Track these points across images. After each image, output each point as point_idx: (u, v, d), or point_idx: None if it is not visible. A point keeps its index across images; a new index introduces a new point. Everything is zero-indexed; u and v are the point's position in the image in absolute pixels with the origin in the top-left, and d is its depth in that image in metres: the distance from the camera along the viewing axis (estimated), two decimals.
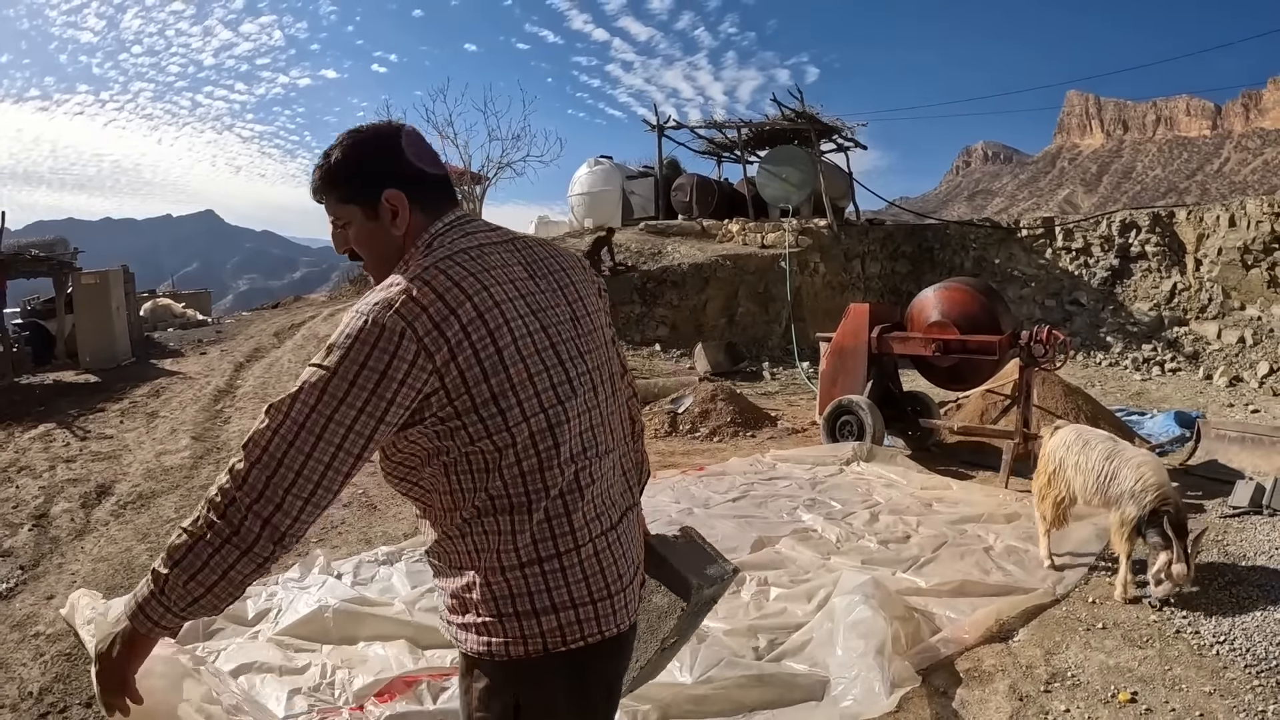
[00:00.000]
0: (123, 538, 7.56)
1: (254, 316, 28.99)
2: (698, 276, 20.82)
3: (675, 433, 11.23)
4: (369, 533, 7.32)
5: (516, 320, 1.93)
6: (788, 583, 5.64)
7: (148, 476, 9.47)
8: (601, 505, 2.07)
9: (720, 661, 4.31)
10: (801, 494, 7.87)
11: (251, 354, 18.57)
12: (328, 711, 4.22)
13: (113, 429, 12.35)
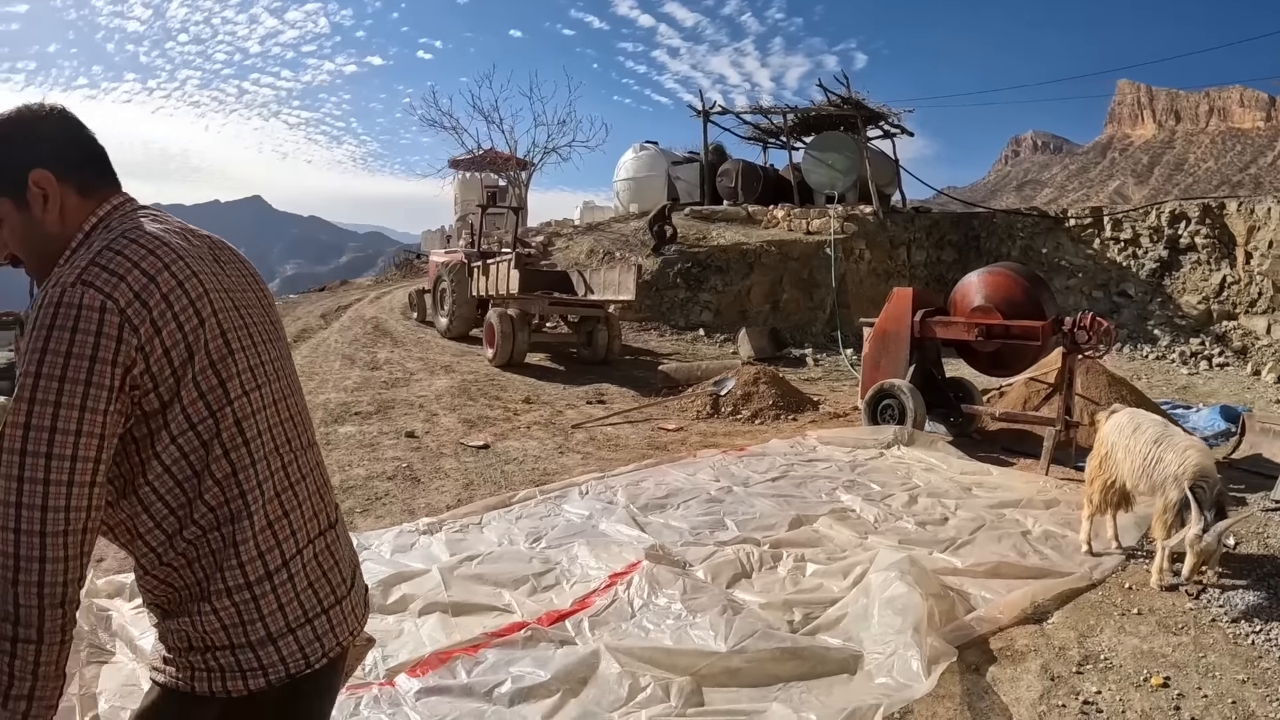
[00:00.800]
0: None
1: (301, 299, 29.30)
2: (742, 262, 20.81)
3: (717, 414, 11.25)
4: (412, 504, 7.41)
5: (217, 294, 1.79)
6: (824, 560, 5.69)
7: None
8: (316, 505, 1.97)
9: (755, 633, 4.34)
10: (841, 475, 7.90)
11: (298, 335, 18.77)
12: (357, 687, 4.25)
13: None
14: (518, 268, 15.04)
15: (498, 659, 4.37)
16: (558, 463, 8.71)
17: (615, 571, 5.40)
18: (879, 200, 23.55)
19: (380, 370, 14.26)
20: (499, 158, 36.09)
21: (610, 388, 13.28)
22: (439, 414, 10.97)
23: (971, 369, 10.21)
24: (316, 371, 14.17)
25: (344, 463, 8.62)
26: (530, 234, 27.56)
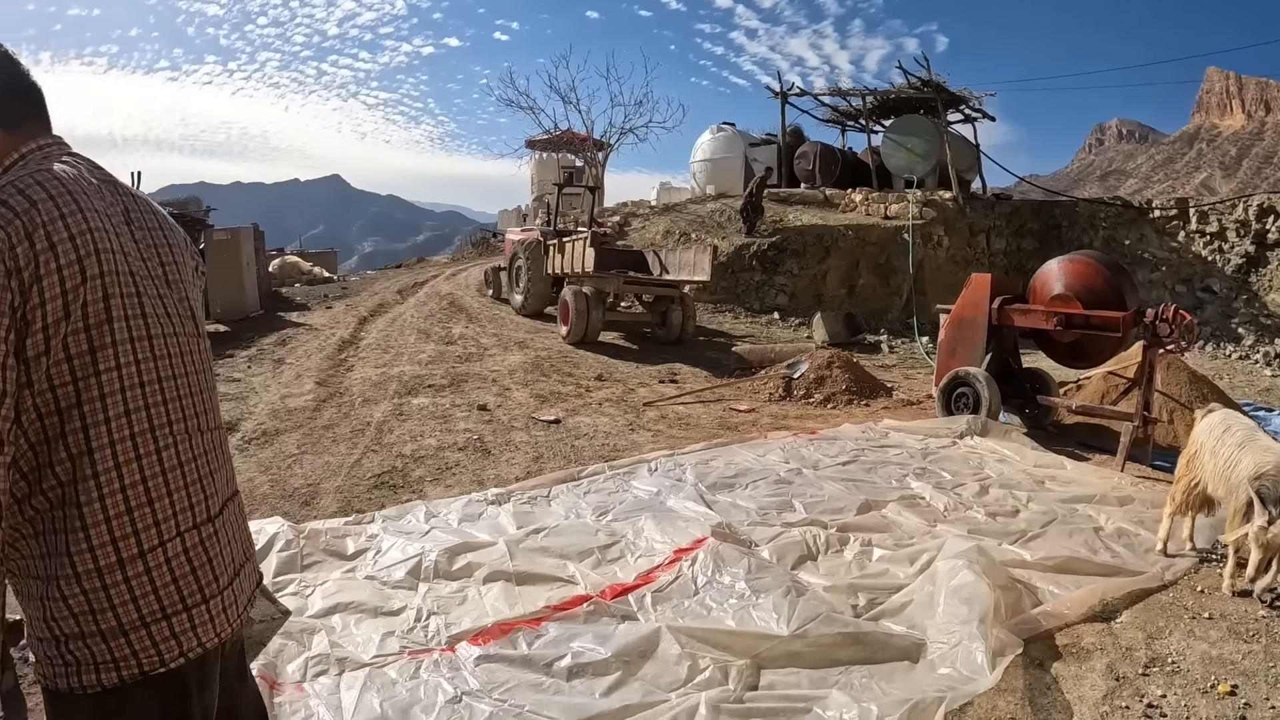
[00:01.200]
0: (246, 469, 7.93)
1: (378, 275, 29.63)
2: (819, 246, 20.67)
3: (789, 397, 11.20)
4: (481, 475, 7.54)
5: (108, 255, 1.71)
6: (891, 546, 5.65)
7: (272, 416, 9.86)
8: (196, 494, 1.84)
9: (818, 616, 4.31)
10: (912, 463, 7.82)
11: (375, 309, 19.03)
12: (419, 652, 4.33)
13: (240, 373, 12.83)
14: (593, 246, 15.08)
15: (559, 633, 4.40)
16: (628, 439, 8.75)
17: (681, 547, 5.41)
18: (959, 186, 23.23)
19: (455, 345, 14.41)
20: (575, 138, 36.21)
21: (683, 368, 13.28)
22: (511, 388, 11.07)
23: (1049, 359, 10.03)
24: (391, 345, 14.40)
25: (416, 433, 8.76)
26: (606, 214, 27.59)
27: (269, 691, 3.93)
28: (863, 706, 3.61)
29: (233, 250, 19.76)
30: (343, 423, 9.49)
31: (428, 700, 3.87)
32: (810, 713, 3.66)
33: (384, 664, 4.23)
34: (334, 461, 8.08)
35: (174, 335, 1.85)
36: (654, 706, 3.71)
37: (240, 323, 18.42)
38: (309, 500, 7.10)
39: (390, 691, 3.96)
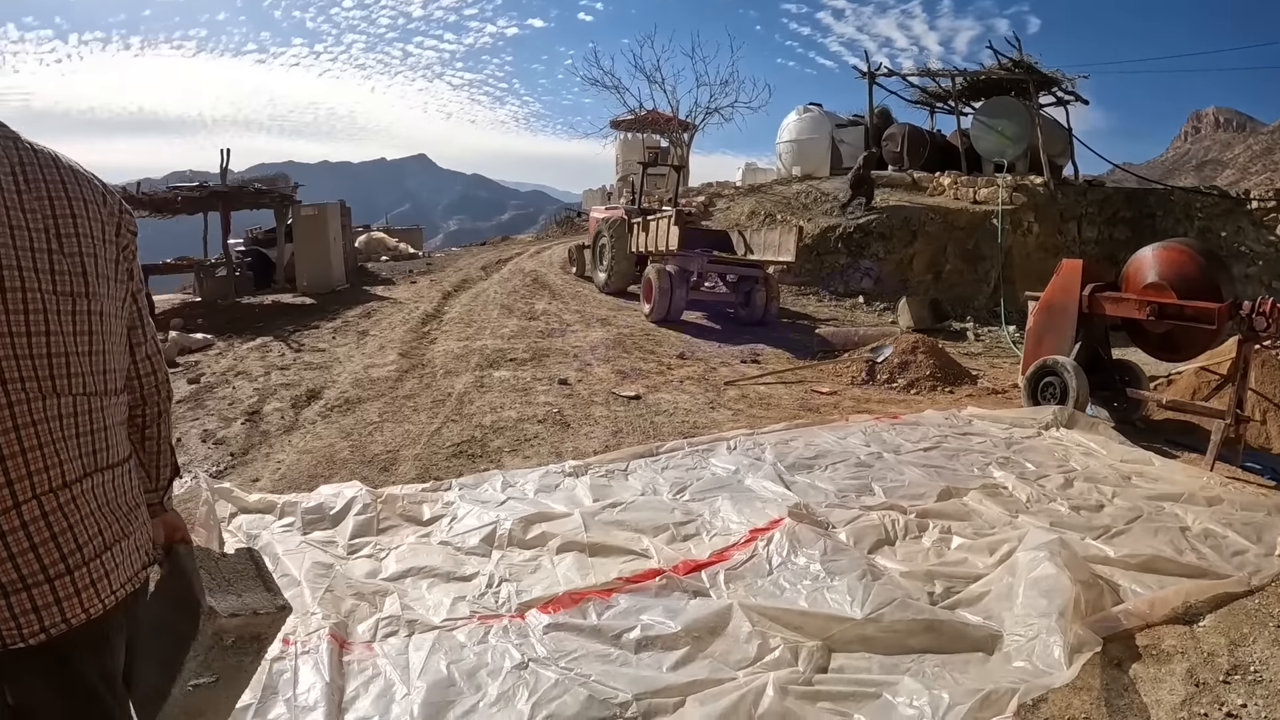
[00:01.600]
0: (327, 435, 8.09)
1: (463, 252, 29.97)
2: (906, 229, 20.39)
3: (872, 381, 11.07)
4: (560, 447, 7.62)
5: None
6: (971, 534, 5.54)
7: (355, 385, 10.04)
8: (50, 456, 1.72)
9: (893, 601, 4.26)
10: (995, 451, 7.66)
11: (459, 284, 19.22)
12: (488, 617, 4.38)
13: (325, 344, 13.07)
14: (678, 224, 15.05)
15: (630, 605, 4.42)
16: (708, 417, 8.73)
17: (756, 527, 5.39)
18: (1050, 171, 22.69)
19: (537, 320, 14.50)
20: (660, 118, 36.13)
21: (765, 348, 13.20)
22: (593, 364, 11.12)
23: (1140, 351, 9.77)
24: (475, 319, 14.54)
25: (496, 404, 8.84)
26: (691, 194, 27.52)
27: (338, 650, 4.05)
28: (933, 694, 3.55)
29: (319, 225, 20.14)
30: (424, 393, 9.60)
31: (494, 665, 3.92)
32: (879, 699, 3.61)
33: (453, 627, 4.29)
34: (414, 430, 8.19)
35: (34, 290, 1.74)
36: (721, 684, 3.70)
37: (326, 296, 18.80)
38: (387, 466, 7.20)
39: (458, 655, 4.02)
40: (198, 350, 13.65)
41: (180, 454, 8.01)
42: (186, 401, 10.10)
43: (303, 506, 5.98)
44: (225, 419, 9.10)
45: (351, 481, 6.40)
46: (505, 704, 3.64)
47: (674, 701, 3.60)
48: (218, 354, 13.32)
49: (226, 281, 20.54)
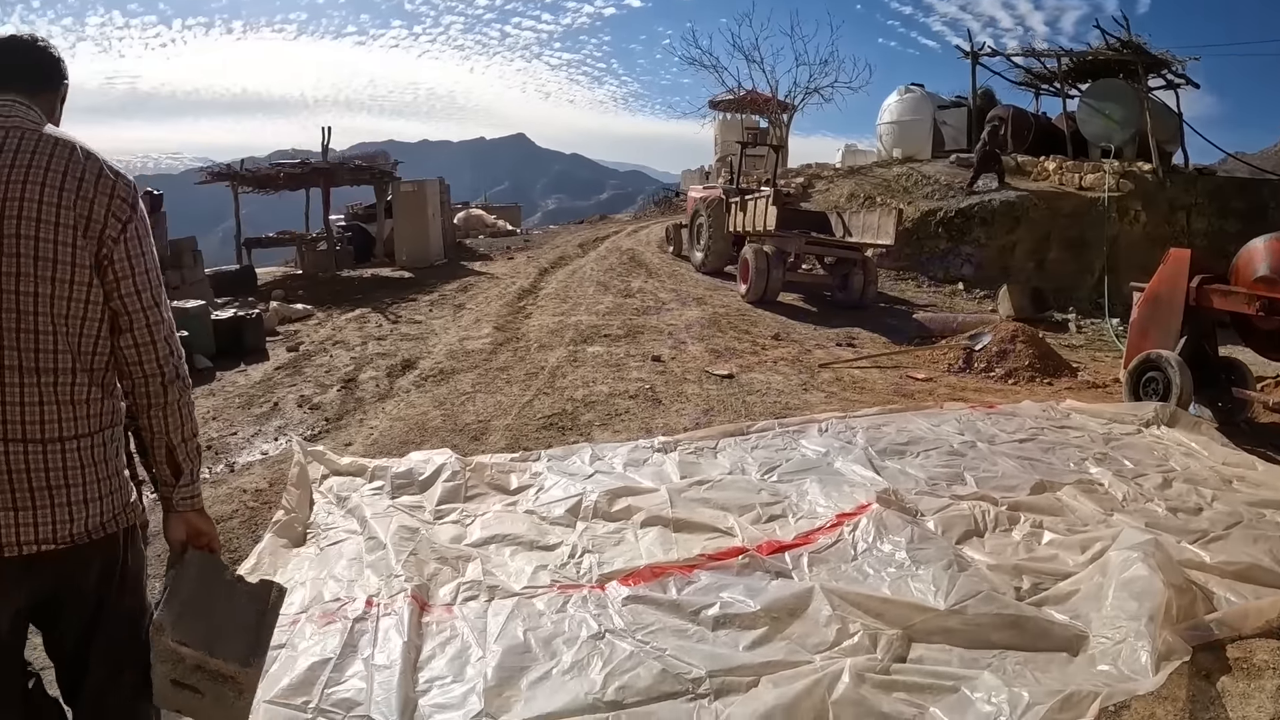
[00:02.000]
0: (420, 403, 8.25)
1: (560, 229, 30.22)
2: (1008, 215, 19.88)
3: (969, 369, 10.86)
4: (650, 423, 7.67)
5: None
6: (1063, 530, 5.38)
7: (449, 356, 10.21)
8: None
9: (978, 594, 4.17)
10: (1093, 447, 7.42)
11: (556, 261, 19.37)
12: (568, 587, 4.43)
13: (422, 316, 13.27)
14: (775, 204, 14.95)
15: (710, 582, 4.43)
16: (800, 399, 8.68)
17: (843, 511, 5.35)
18: (1158, 158, 21.81)
19: (633, 298, 14.55)
20: (759, 99, 35.82)
21: (861, 332, 13.05)
22: (687, 342, 11.12)
23: (1248, 349, 9.40)
24: (570, 296, 14.65)
25: (588, 379, 8.91)
26: (790, 175, 27.28)
27: (418, 611, 4.14)
28: (1012, 692, 3.45)
29: (418, 201, 20.50)
30: (517, 366, 9.70)
31: (571, 634, 3.96)
32: (957, 693, 3.53)
33: (533, 595, 4.36)
34: (506, 401, 8.28)
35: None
36: (796, 666, 3.68)
37: (424, 270, 19.13)
38: (478, 436, 7.30)
39: (535, 622, 4.08)
40: (297, 320, 13.98)
41: (276, 418, 8.22)
42: (285, 368, 10.37)
43: (393, 471, 6.11)
44: (322, 385, 9.33)
45: (442, 449, 6.51)
46: (579, 672, 3.68)
47: (748, 681, 3.59)
48: (316, 324, 13.64)
49: (327, 255, 21.03)
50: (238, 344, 11.65)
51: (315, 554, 5.05)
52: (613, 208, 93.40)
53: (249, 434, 7.94)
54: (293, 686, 3.60)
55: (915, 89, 30.03)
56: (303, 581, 4.64)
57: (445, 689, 3.61)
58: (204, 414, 8.59)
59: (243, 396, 9.26)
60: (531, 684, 3.61)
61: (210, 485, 6.61)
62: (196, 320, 11.02)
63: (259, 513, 5.90)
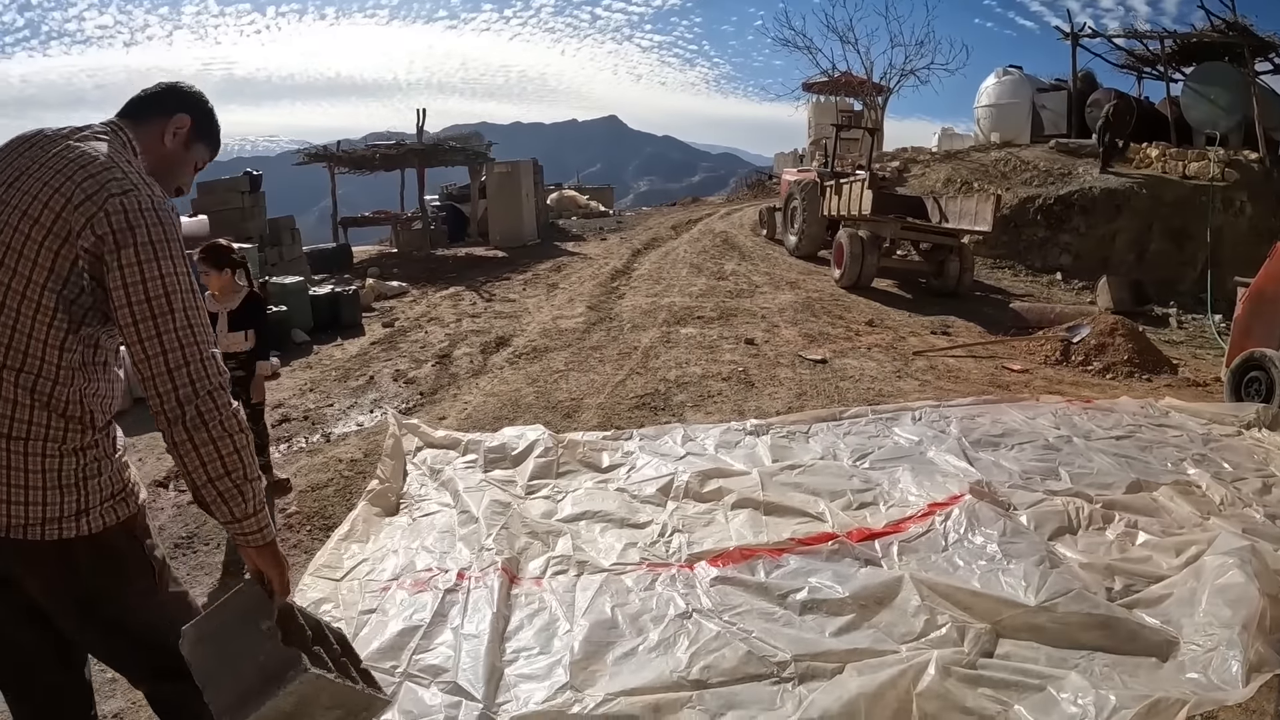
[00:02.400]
0: (513, 380, 8.37)
1: (653, 211, 30.27)
2: (1109, 204, 19.37)
3: (1065, 362, 10.64)
4: (743, 405, 7.69)
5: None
6: (1158, 532, 5.23)
7: (543, 334, 10.32)
8: None
9: (1069, 592, 4.10)
10: (1191, 448, 7.19)
11: (649, 243, 19.43)
12: (657, 565, 4.47)
13: (515, 294, 13.41)
14: (871, 188, 14.80)
15: (799, 566, 4.44)
16: (894, 386, 8.62)
17: (936, 501, 5.31)
18: (1266, 146, 20.92)
19: (726, 281, 14.54)
20: (854, 81, 35.42)
21: (956, 320, 12.88)
22: (780, 326, 11.10)
23: None
24: (663, 277, 14.70)
25: (681, 360, 8.95)
26: (885, 159, 26.96)
27: (508, 583, 4.23)
28: (1099, 694, 3.39)
29: (512, 182, 20.73)
30: (610, 345, 9.76)
31: (658, 611, 4.01)
32: (1043, 692, 3.48)
33: (621, 572, 4.42)
34: (599, 380, 8.35)
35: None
36: (882, 655, 3.67)
37: (517, 250, 19.35)
38: (571, 413, 7.37)
39: (624, 598, 4.14)
40: (392, 297, 14.22)
41: (372, 391, 8.37)
42: (380, 343, 10.57)
43: (486, 445, 6.22)
44: (417, 360, 9.51)
45: (535, 425, 6.57)
46: (664, 650, 3.72)
47: (832, 667, 3.60)
48: (411, 301, 13.87)
49: (422, 234, 21.37)
50: (335, 319, 11.91)
51: (408, 523, 5.19)
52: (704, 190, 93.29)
53: (345, 406, 8.12)
54: (381, 650, 3.71)
55: (1014, 71, 29.40)
56: (395, 550, 4.78)
57: (531, 659, 3.69)
58: (301, 386, 8.82)
59: (339, 370, 9.47)
60: (617, 659, 3.66)
61: (307, 454, 6.79)
62: (295, 296, 11.28)
63: (353, 482, 6.03)
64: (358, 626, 3.96)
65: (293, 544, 5.26)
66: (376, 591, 4.29)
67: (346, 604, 4.21)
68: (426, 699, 3.43)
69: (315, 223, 55.78)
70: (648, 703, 3.36)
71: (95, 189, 2.05)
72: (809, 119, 39.69)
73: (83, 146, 2.14)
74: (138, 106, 2.36)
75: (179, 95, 2.42)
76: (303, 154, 23.62)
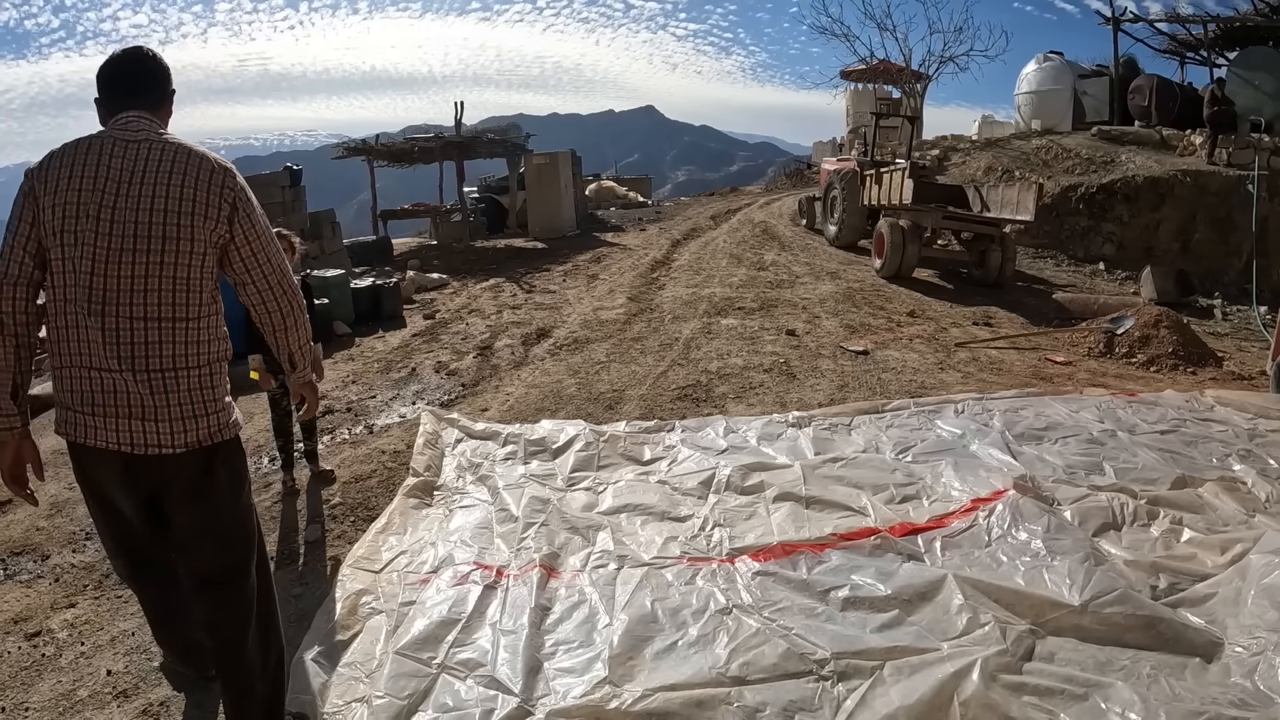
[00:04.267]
0: (555, 371, 8.41)
1: (691, 201, 30.26)
2: (1153, 192, 19.01)
3: (1109, 354, 10.49)
4: (785, 397, 7.68)
5: (54, 183, 2.76)
6: (1203, 529, 5.14)
7: (584, 326, 10.35)
8: (83, 348, 2.77)
9: (1114, 591, 4.04)
10: (1236, 443, 7.03)
11: (688, 233, 19.42)
12: (698, 559, 4.48)
13: (555, 286, 13.44)
14: (912, 177, 14.70)
15: (841, 562, 4.42)
16: (936, 378, 8.55)
17: (979, 496, 5.27)
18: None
19: (766, 271, 14.51)
20: (892, 69, 35.17)
21: (999, 311, 12.75)
22: (821, 317, 11.06)
23: None
24: (703, 268, 14.71)
25: (722, 351, 8.96)
26: (924, 147, 26.76)
27: (546, 578, 4.28)
28: (1149, 708, 3.33)
29: (551, 173, 20.81)
30: (651, 336, 9.78)
31: (699, 606, 4.03)
32: (1088, 700, 3.43)
33: (662, 566, 4.44)
34: (640, 371, 8.37)
35: (103, 236, 2.74)
36: (924, 653, 3.65)
37: (556, 241, 19.43)
38: (612, 405, 7.40)
39: (664, 592, 4.15)
40: (433, 289, 14.31)
41: (414, 382, 8.46)
42: (422, 335, 10.63)
43: (526, 438, 6.29)
44: (458, 352, 9.56)
45: (575, 420, 6.63)
46: (704, 646, 3.73)
47: (873, 665, 3.58)
48: (452, 292, 13.94)
49: (461, 226, 21.50)
50: (376, 311, 11.99)
51: (444, 516, 5.24)
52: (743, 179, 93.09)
53: (387, 397, 8.18)
54: (420, 641, 3.76)
55: (1054, 57, 28.99)
56: (432, 542, 4.83)
57: (571, 653, 3.72)
58: (344, 377, 8.90)
59: (381, 361, 9.53)
60: (656, 654, 3.68)
61: (350, 445, 6.86)
62: (337, 288, 11.35)
63: (396, 473, 6.09)
64: (398, 619, 4.00)
65: (336, 534, 5.32)
66: (415, 584, 4.34)
67: (386, 595, 4.27)
68: (463, 692, 3.47)
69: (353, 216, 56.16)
70: (686, 698, 3.37)
71: (221, 176, 2.89)
72: (847, 107, 39.48)
73: (173, 145, 2.86)
74: (148, 92, 3.02)
75: (167, 74, 3.12)
76: (342, 148, 23.75)
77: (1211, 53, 25.08)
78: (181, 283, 2.82)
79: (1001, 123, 33.00)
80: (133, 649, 4.21)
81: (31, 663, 4.15)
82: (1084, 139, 22.49)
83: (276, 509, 5.77)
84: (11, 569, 5.32)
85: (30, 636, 4.39)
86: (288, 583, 4.82)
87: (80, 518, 5.88)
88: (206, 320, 2.93)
